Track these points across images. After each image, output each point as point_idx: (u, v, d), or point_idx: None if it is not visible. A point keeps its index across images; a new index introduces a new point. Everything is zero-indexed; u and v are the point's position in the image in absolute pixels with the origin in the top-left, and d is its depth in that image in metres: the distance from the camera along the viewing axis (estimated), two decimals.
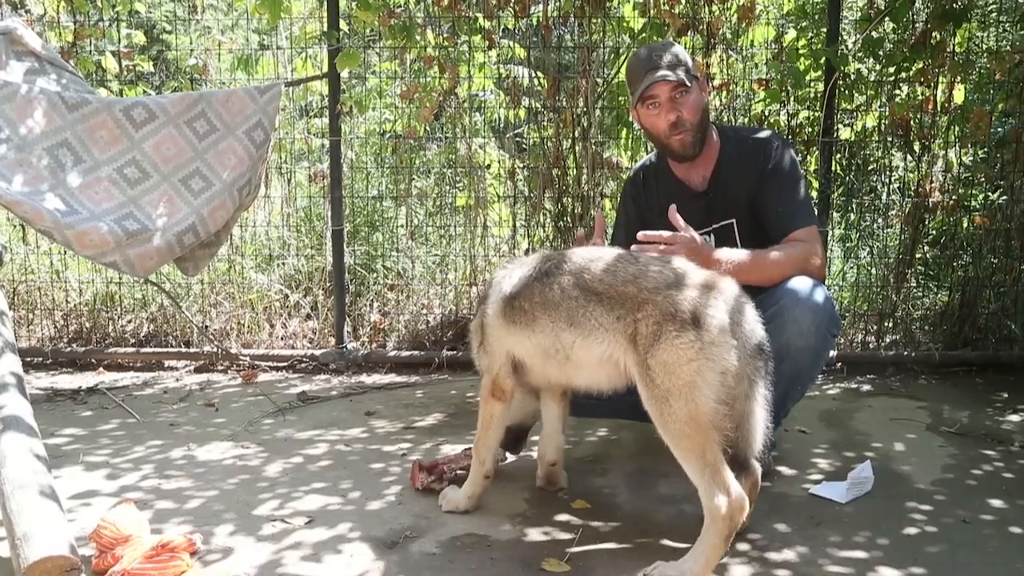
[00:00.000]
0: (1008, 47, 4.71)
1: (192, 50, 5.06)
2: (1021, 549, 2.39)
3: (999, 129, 4.81)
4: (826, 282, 2.79)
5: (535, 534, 2.47)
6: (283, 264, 5.07)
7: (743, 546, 2.39)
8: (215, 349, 4.62)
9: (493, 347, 2.47)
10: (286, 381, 4.35)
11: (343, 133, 4.71)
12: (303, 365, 4.58)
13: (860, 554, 2.33)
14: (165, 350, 4.70)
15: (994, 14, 5.00)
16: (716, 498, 2.07)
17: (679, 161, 2.95)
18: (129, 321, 4.88)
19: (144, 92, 4.89)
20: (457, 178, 4.98)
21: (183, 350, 4.69)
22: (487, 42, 4.51)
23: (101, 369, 4.58)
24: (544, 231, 4.73)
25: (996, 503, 2.70)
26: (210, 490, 2.85)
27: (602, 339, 2.23)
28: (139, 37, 5.00)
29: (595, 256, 2.33)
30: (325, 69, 4.40)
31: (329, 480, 2.93)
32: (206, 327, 4.77)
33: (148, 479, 2.95)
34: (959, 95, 4.54)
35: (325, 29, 4.31)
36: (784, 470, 2.98)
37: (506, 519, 2.58)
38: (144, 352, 4.68)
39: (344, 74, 4.45)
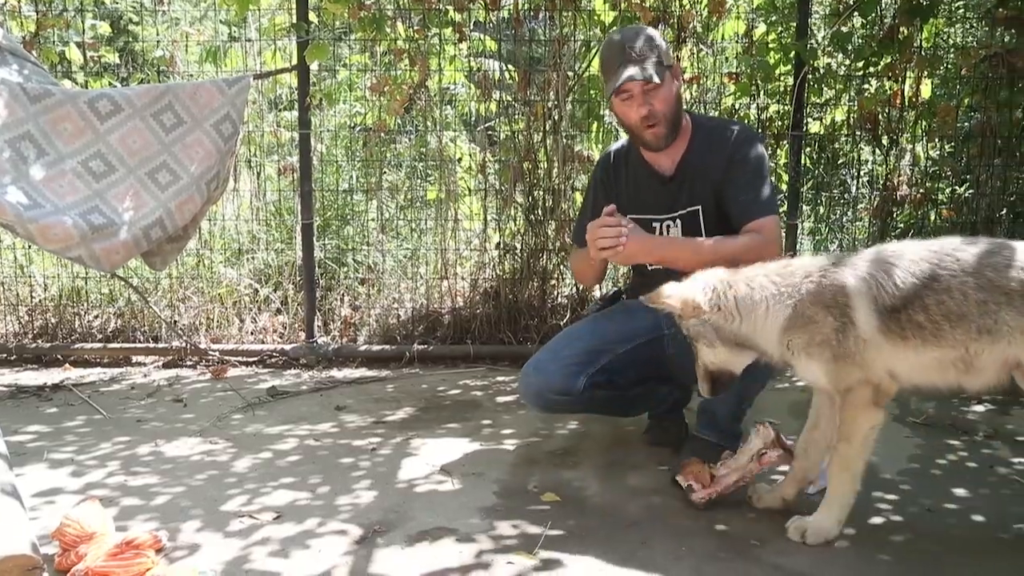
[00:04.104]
0: (974, 43, 4.76)
1: (159, 42, 5.00)
2: (983, 536, 2.43)
3: (965, 124, 4.87)
4: None
5: (504, 527, 2.47)
6: (253, 258, 5.03)
7: (711, 537, 2.40)
8: (184, 344, 4.57)
9: (864, 359, 2.26)
10: (256, 376, 4.32)
11: (313, 126, 4.68)
12: (273, 360, 4.54)
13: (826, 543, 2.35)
14: (133, 345, 4.64)
15: (961, 10, 5.06)
16: None
17: (651, 151, 2.96)
18: (96, 316, 4.82)
19: (110, 84, 4.82)
20: (428, 172, 4.96)
21: (151, 345, 4.64)
22: (458, 35, 4.49)
23: (67, 365, 4.52)
24: (515, 224, 4.73)
25: (960, 492, 2.74)
26: (177, 486, 2.82)
27: (1009, 341, 2.15)
28: (104, 28, 4.93)
29: (989, 251, 2.22)
30: (294, 62, 4.36)
31: (298, 475, 2.91)
32: (175, 322, 4.72)
33: (114, 476, 2.92)
34: (926, 90, 4.59)
35: (294, 21, 4.27)
36: None
37: (476, 512, 2.57)
38: (111, 347, 4.62)
39: (314, 67, 4.41)
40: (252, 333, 4.77)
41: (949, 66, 4.82)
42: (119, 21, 5.65)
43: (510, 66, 4.73)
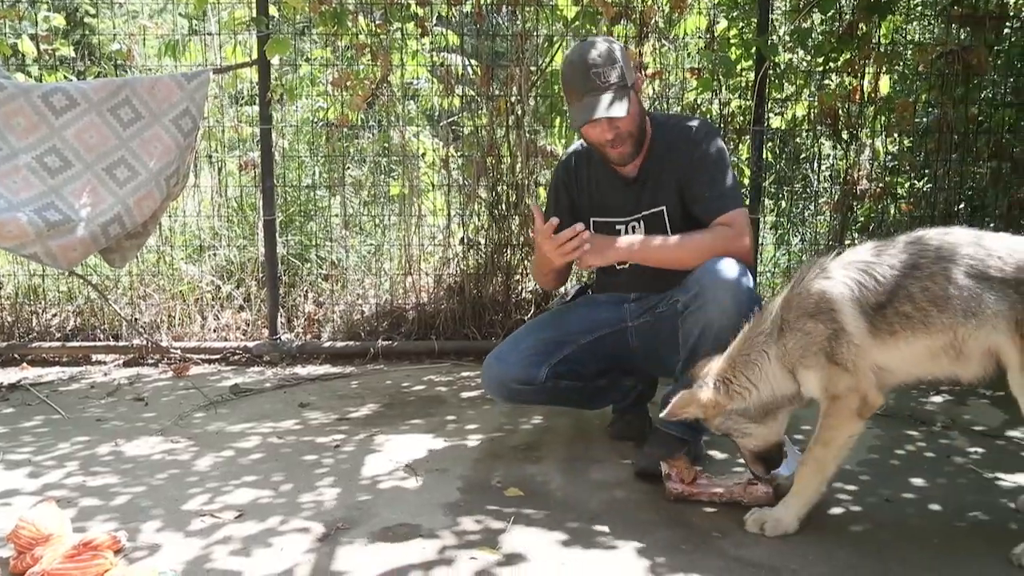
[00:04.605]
0: (931, 40, 4.83)
1: (115, 35, 4.92)
2: (939, 525, 2.46)
3: (923, 119, 4.94)
4: (758, 268, 2.84)
5: (468, 523, 2.47)
6: (215, 255, 4.98)
7: (672, 529, 2.42)
8: (145, 342, 4.52)
9: (857, 364, 2.27)
10: (219, 374, 4.28)
11: (275, 121, 4.64)
12: (236, 357, 4.50)
13: (785, 535, 2.37)
14: (92, 344, 4.58)
15: (919, 7, 5.13)
16: None
17: (616, 167, 2.96)
18: (54, 315, 4.75)
19: (65, 78, 4.74)
20: (392, 167, 4.94)
21: (111, 344, 4.58)
22: (420, 29, 4.47)
23: (24, 364, 4.43)
24: (479, 220, 4.72)
25: (917, 482, 2.78)
26: (137, 486, 2.78)
27: (992, 326, 2.18)
28: (59, 20, 4.84)
29: (966, 240, 2.26)
30: (255, 56, 4.32)
31: (261, 473, 2.89)
32: (135, 320, 4.66)
33: (73, 476, 2.88)
34: (885, 86, 4.65)
35: (254, 15, 4.23)
36: (715, 454, 3.02)
37: (439, 508, 2.57)
38: (70, 346, 4.56)
39: (275, 61, 4.38)
40: (215, 330, 4.72)
41: (907, 62, 4.89)
42: (75, 13, 5.54)
43: (473, 61, 4.72)
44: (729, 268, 2.68)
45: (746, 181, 4.47)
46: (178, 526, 2.47)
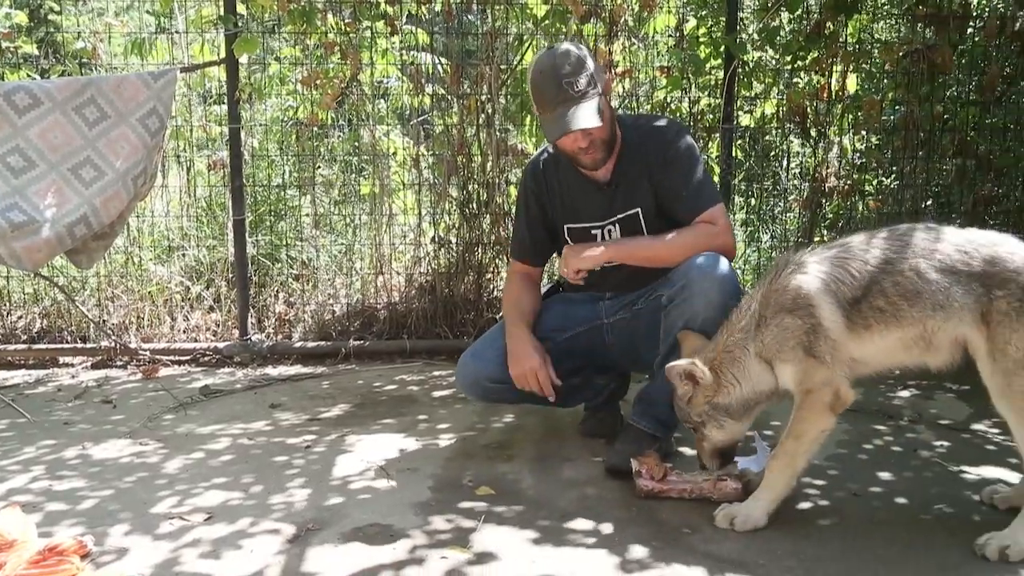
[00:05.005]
0: (897, 39, 4.88)
1: (79, 33, 4.85)
2: (905, 518, 2.50)
3: (890, 117, 5.00)
4: (733, 261, 2.86)
5: (439, 522, 2.47)
6: (184, 255, 4.93)
7: (642, 526, 2.43)
8: (113, 344, 4.47)
9: (832, 358, 2.32)
10: (189, 375, 4.24)
11: (244, 120, 4.60)
12: (206, 358, 4.47)
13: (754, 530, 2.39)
14: (60, 346, 4.52)
15: (886, 6, 5.19)
16: None
17: (587, 171, 2.96)
18: (20, 317, 4.68)
19: (28, 76, 4.67)
20: (362, 166, 4.92)
21: (79, 346, 4.52)
22: (390, 28, 4.46)
23: None
24: (450, 218, 4.72)
25: (884, 475, 2.82)
26: (105, 489, 2.76)
27: (959, 318, 2.24)
28: (21, 17, 4.77)
29: (934, 237, 2.33)
30: (223, 54, 4.28)
31: (231, 475, 2.87)
32: (103, 321, 4.61)
33: (39, 480, 2.84)
34: (852, 84, 4.69)
35: (222, 13, 4.19)
36: (685, 451, 3.04)
37: (410, 508, 2.57)
38: (37, 349, 4.50)
39: (243, 60, 4.34)
40: (184, 331, 4.68)
41: (874, 61, 4.94)
42: (38, 10, 5.47)
43: (443, 59, 4.71)
44: (716, 263, 2.71)
45: (716, 179, 4.49)
46: (146, 529, 2.45)
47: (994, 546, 2.20)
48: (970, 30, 4.76)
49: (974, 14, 4.78)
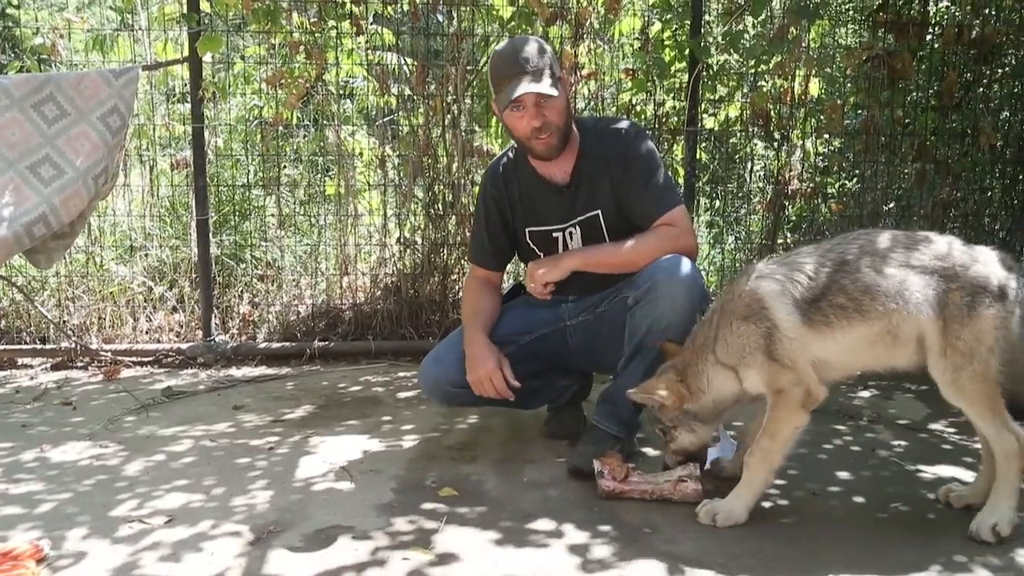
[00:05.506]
0: (859, 44, 4.95)
1: (37, 29, 4.78)
2: (862, 517, 2.54)
3: (852, 121, 5.07)
4: (696, 263, 2.90)
5: (401, 523, 2.47)
6: (147, 255, 4.88)
7: (604, 526, 2.45)
8: (74, 345, 4.41)
9: (795, 358, 2.38)
10: (151, 376, 4.20)
11: (209, 120, 4.57)
12: (169, 359, 4.42)
13: (712, 530, 2.42)
14: (18, 347, 4.45)
15: (849, 11, 5.26)
16: (1007, 441, 2.29)
17: (541, 160, 2.97)
18: None
19: None
20: (328, 166, 4.90)
21: (38, 347, 4.46)
22: (355, 28, 4.44)
23: None
24: (416, 219, 4.71)
25: (843, 475, 2.86)
26: (63, 492, 2.72)
27: (919, 311, 2.31)
28: None
29: (887, 237, 2.43)
30: (187, 53, 4.24)
31: (192, 477, 2.85)
32: (63, 322, 4.55)
33: None
34: (814, 88, 4.75)
35: (185, 11, 4.15)
36: (649, 451, 3.06)
37: (372, 509, 2.56)
38: None
39: (207, 58, 4.30)
40: (147, 332, 4.63)
41: (837, 66, 5.00)
42: None
43: (408, 59, 4.70)
44: (682, 265, 2.74)
45: (680, 181, 4.53)
46: (105, 533, 2.42)
47: (986, 527, 2.30)
48: (929, 37, 4.84)
49: (933, 21, 4.86)
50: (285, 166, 4.94)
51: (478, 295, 3.13)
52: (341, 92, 4.75)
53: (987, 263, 2.34)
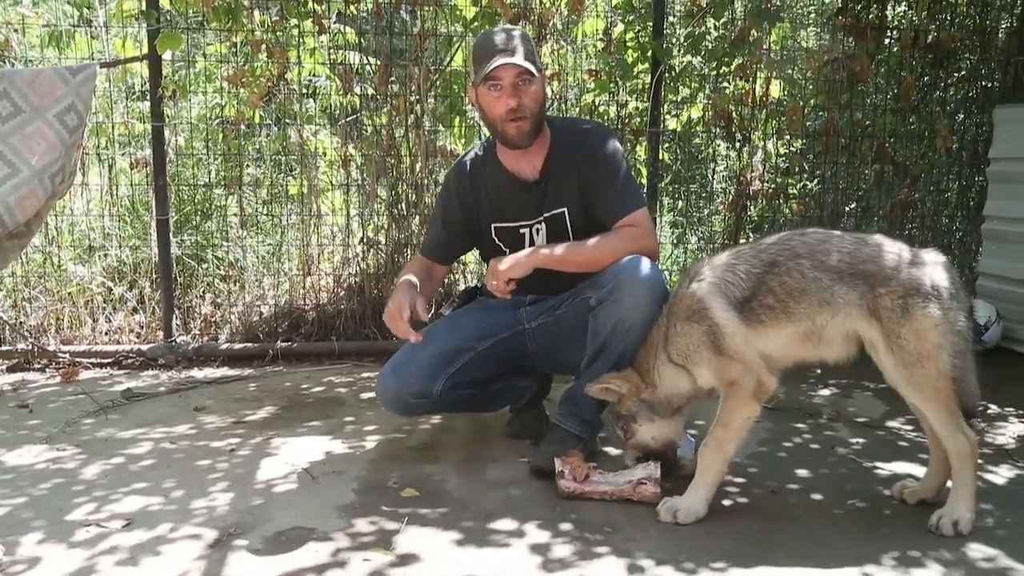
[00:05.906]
0: (819, 47, 5.02)
1: None
2: (820, 513, 2.58)
3: (813, 123, 5.14)
4: (659, 264, 2.92)
5: (362, 524, 2.46)
6: (106, 255, 4.81)
7: (565, 525, 2.46)
8: (30, 347, 4.34)
9: (741, 351, 2.47)
10: (111, 378, 4.14)
11: (169, 118, 4.51)
12: (129, 361, 4.36)
13: (673, 527, 2.44)
14: None
15: (811, 15, 5.33)
16: (960, 441, 2.36)
17: (511, 148, 2.96)
18: None
19: None
20: (290, 165, 4.86)
21: None
22: (317, 27, 4.41)
23: None
24: (379, 219, 4.69)
25: (802, 472, 2.90)
26: (18, 497, 2.68)
27: (847, 314, 2.40)
28: None
29: (819, 239, 2.50)
30: (147, 50, 4.19)
31: (151, 480, 2.82)
32: (20, 323, 4.47)
33: None
34: (775, 90, 4.81)
35: (143, 7, 4.10)
36: (611, 451, 3.08)
37: (334, 511, 2.55)
38: None
39: (167, 56, 4.25)
40: (107, 333, 4.56)
41: (798, 68, 5.07)
42: None
43: (371, 58, 4.68)
44: (644, 266, 2.76)
45: (643, 182, 4.56)
46: (61, 537, 2.39)
47: (947, 523, 2.37)
48: (887, 41, 4.92)
49: (891, 26, 4.95)
50: (247, 165, 4.89)
51: (416, 271, 3.11)
52: (304, 91, 4.71)
53: (923, 265, 2.41)
